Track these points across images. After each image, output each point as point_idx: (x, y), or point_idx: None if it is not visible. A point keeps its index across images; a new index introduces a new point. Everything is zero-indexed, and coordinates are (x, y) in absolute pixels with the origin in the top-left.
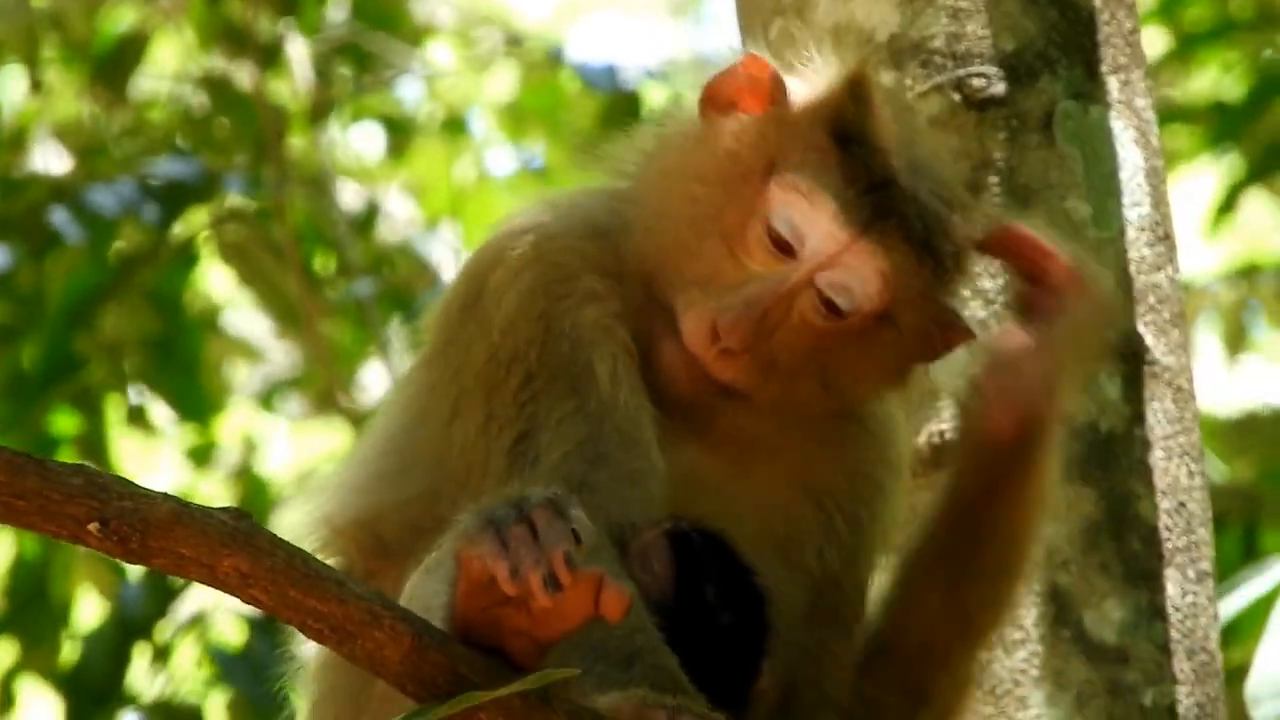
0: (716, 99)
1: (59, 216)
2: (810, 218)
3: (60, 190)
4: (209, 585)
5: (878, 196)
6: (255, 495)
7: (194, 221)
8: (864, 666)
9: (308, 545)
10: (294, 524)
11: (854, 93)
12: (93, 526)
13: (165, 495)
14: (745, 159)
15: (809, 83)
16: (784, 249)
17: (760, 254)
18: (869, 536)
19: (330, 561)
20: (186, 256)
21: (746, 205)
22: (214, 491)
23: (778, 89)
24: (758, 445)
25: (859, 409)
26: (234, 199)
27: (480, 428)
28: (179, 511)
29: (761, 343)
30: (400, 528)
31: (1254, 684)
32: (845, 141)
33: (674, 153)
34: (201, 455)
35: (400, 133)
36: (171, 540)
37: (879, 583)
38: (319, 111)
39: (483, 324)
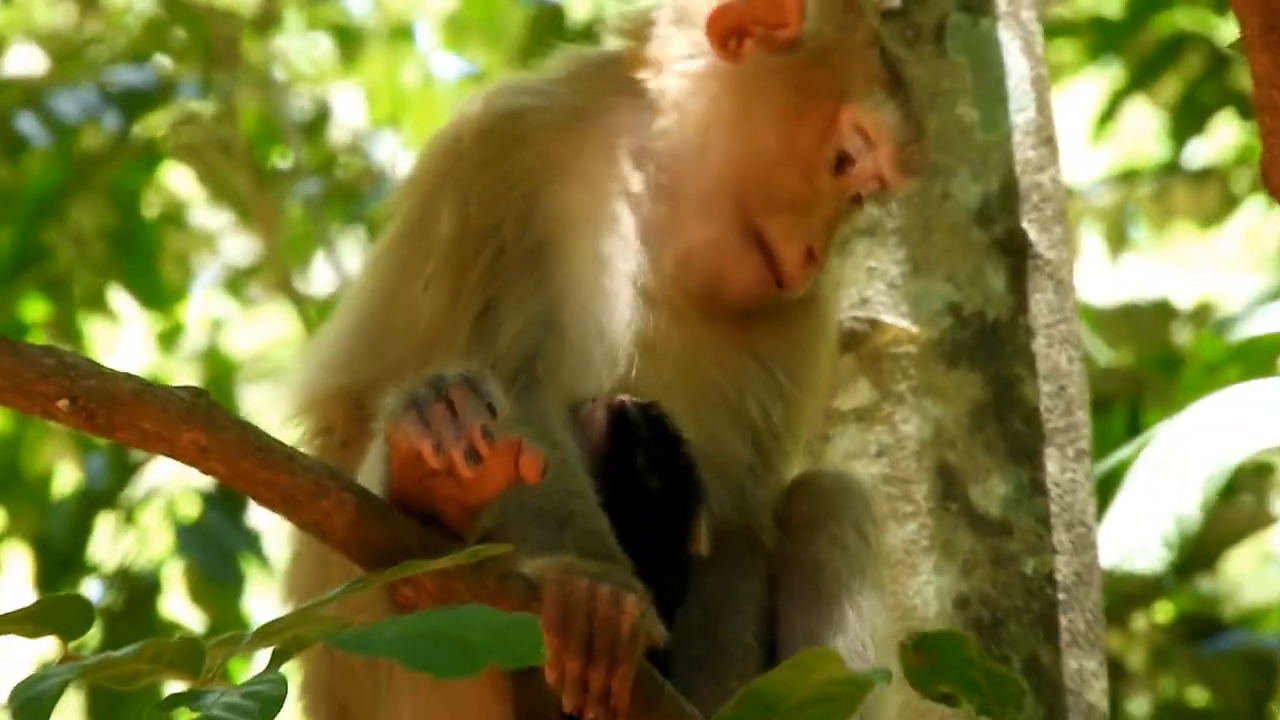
0: (736, 19)
1: (25, 122)
2: (870, 152)
3: (28, 96)
4: (169, 457)
5: (917, 147)
6: (219, 375)
7: (153, 124)
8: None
9: (288, 415)
10: (271, 397)
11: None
12: (62, 403)
13: (128, 375)
14: (818, 95)
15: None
16: (841, 169)
17: (825, 173)
18: (804, 394)
19: (311, 429)
20: (148, 156)
21: (819, 135)
22: (180, 372)
23: (803, 12)
24: (720, 319)
25: None
26: (190, 104)
27: (448, 300)
28: (141, 389)
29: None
30: (378, 399)
31: (1101, 534)
32: (894, 84)
33: (726, 92)
34: (168, 339)
35: (349, 41)
36: (134, 415)
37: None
38: (268, 20)
39: (458, 197)
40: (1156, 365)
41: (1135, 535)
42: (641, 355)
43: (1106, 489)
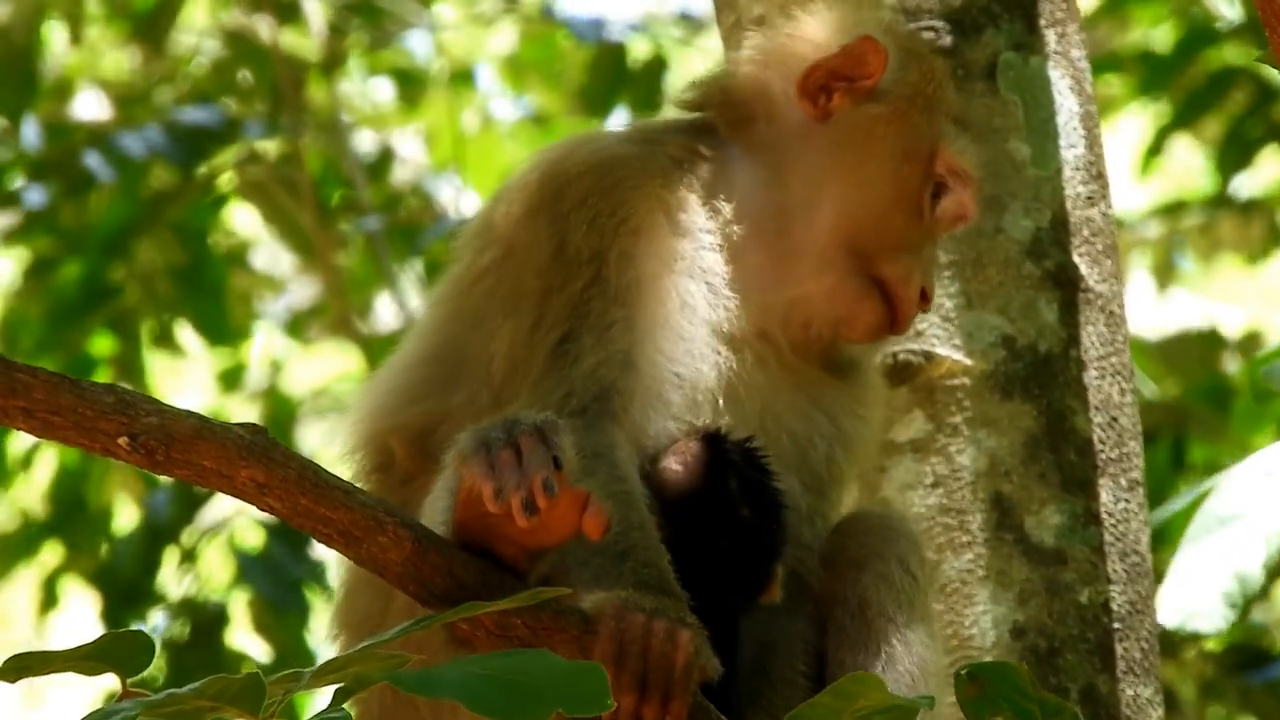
0: (824, 76)
1: (92, 159)
2: (960, 190)
3: (95, 135)
4: (228, 494)
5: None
6: (279, 412)
7: (219, 163)
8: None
9: (348, 449)
10: (331, 433)
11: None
12: (122, 440)
13: (188, 412)
14: (918, 139)
15: (897, 48)
16: (934, 208)
17: (927, 214)
18: (858, 449)
19: (370, 465)
20: (213, 195)
21: (923, 177)
22: (241, 410)
23: (885, 63)
24: (799, 369)
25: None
26: (254, 143)
27: (530, 327)
28: (200, 427)
29: None
30: (443, 435)
31: (1164, 595)
32: (964, 123)
33: (828, 148)
34: (230, 377)
35: (411, 84)
36: (194, 453)
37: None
38: (332, 63)
39: (558, 226)
40: (1204, 396)
41: (1198, 594)
42: (718, 399)
43: (1172, 531)
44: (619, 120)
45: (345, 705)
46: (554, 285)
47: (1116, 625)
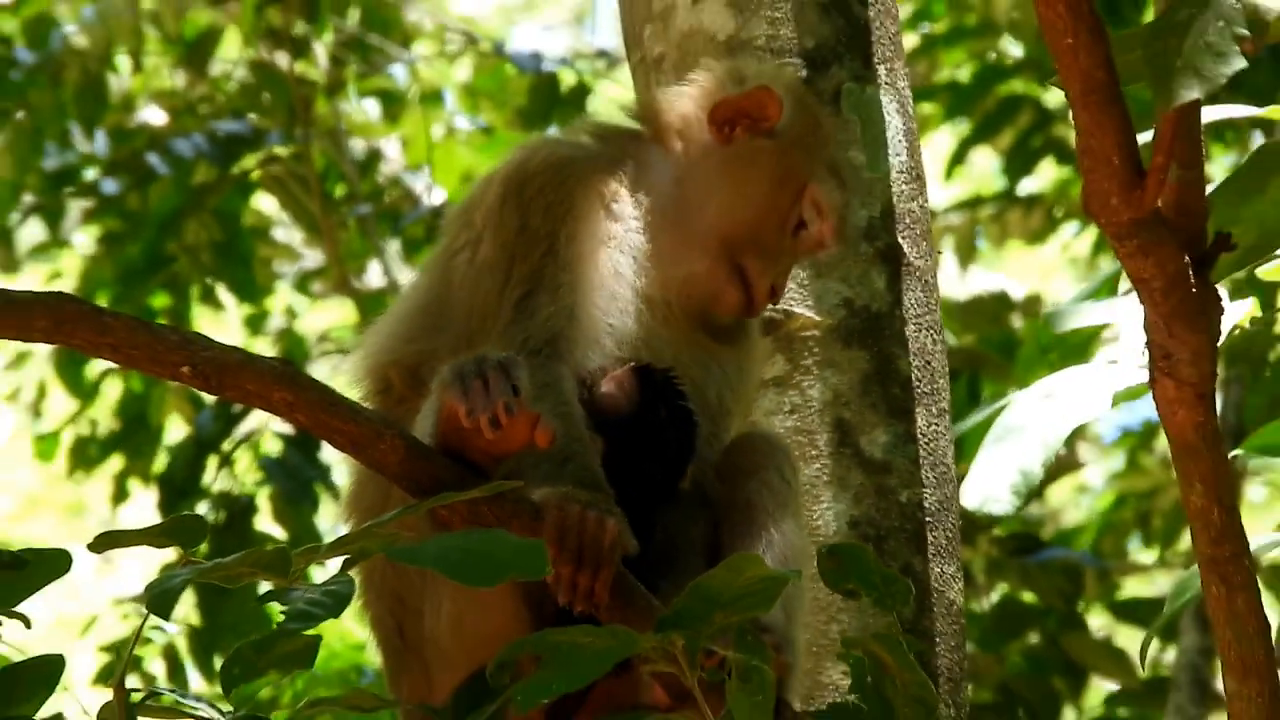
0: (730, 112)
1: (153, 158)
2: (820, 221)
3: (154, 140)
4: (265, 410)
5: (847, 222)
6: (294, 352)
7: (248, 163)
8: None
9: (356, 377)
10: (340, 366)
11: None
12: (185, 369)
13: (235, 348)
14: (793, 174)
15: (794, 102)
16: (797, 231)
17: (789, 232)
18: (744, 386)
19: (373, 389)
20: (244, 187)
21: (790, 203)
22: (263, 349)
23: (781, 110)
24: (696, 327)
25: None
26: (275, 148)
27: (500, 287)
28: (245, 359)
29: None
30: (432, 367)
31: (967, 485)
32: (840, 173)
33: (724, 164)
34: (254, 324)
35: (393, 103)
36: (240, 379)
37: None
38: (334, 88)
39: (522, 210)
40: (995, 346)
41: (991, 486)
42: (640, 345)
43: (969, 443)
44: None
45: (351, 572)
46: (518, 255)
47: (928, 519)
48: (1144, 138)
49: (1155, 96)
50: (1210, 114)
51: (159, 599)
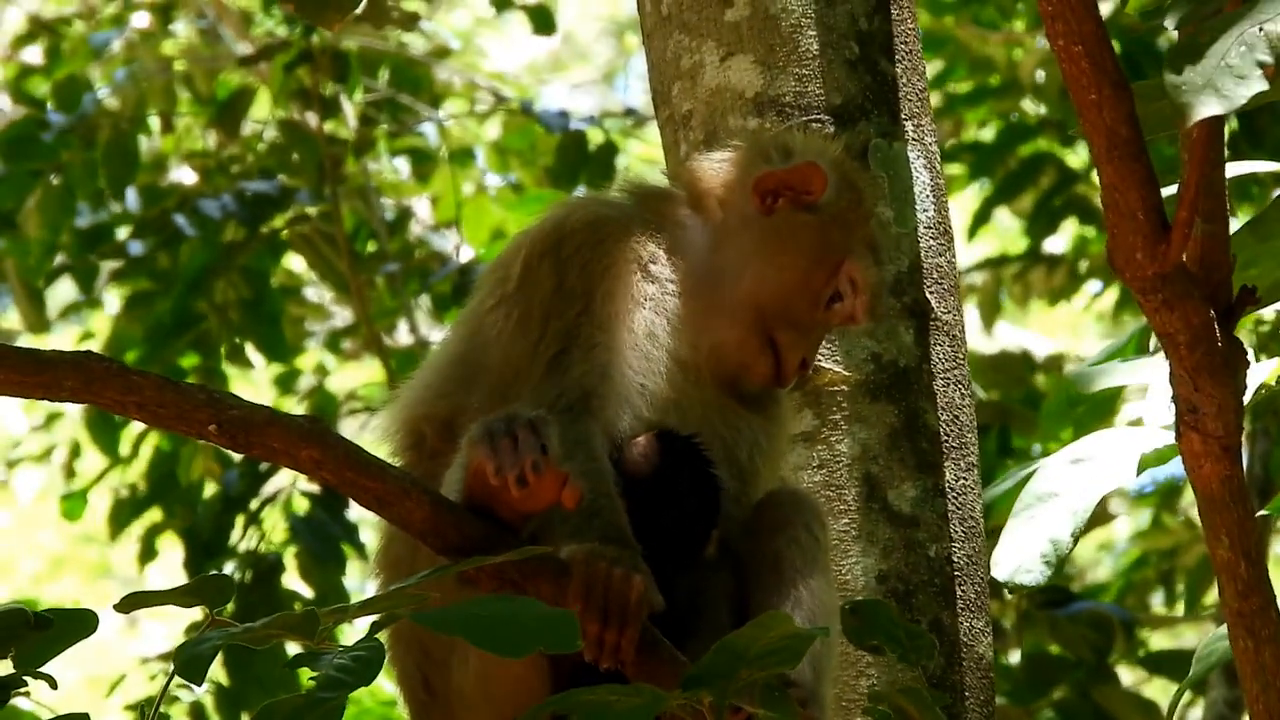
0: (775, 184)
1: (180, 219)
2: (853, 297)
3: (184, 200)
4: (292, 469)
5: (881, 300)
6: (324, 410)
7: (277, 222)
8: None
9: (391, 431)
10: (370, 422)
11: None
12: (212, 427)
13: (262, 405)
14: (831, 249)
15: (839, 178)
16: (830, 305)
17: (822, 306)
18: (774, 449)
19: (406, 443)
20: (275, 245)
21: (826, 278)
22: (293, 408)
23: (825, 186)
24: (727, 391)
25: None
26: (304, 207)
27: (534, 343)
28: (271, 417)
29: None
30: (464, 422)
31: (997, 555)
32: (878, 250)
33: (763, 235)
34: (284, 382)
35: (423, 161)
36: (267, 437)
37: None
38: (363, 147)
39: (559, 268)
40: (1020, 400)
41: (1022, 556)
42: (671, 407)
43: (998, 510)
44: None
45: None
46: (553, 313)
47: (957, 573)
48: (1169, 191)
49: (1173, 137)
50: (1234, 170)
51: (189, 664)
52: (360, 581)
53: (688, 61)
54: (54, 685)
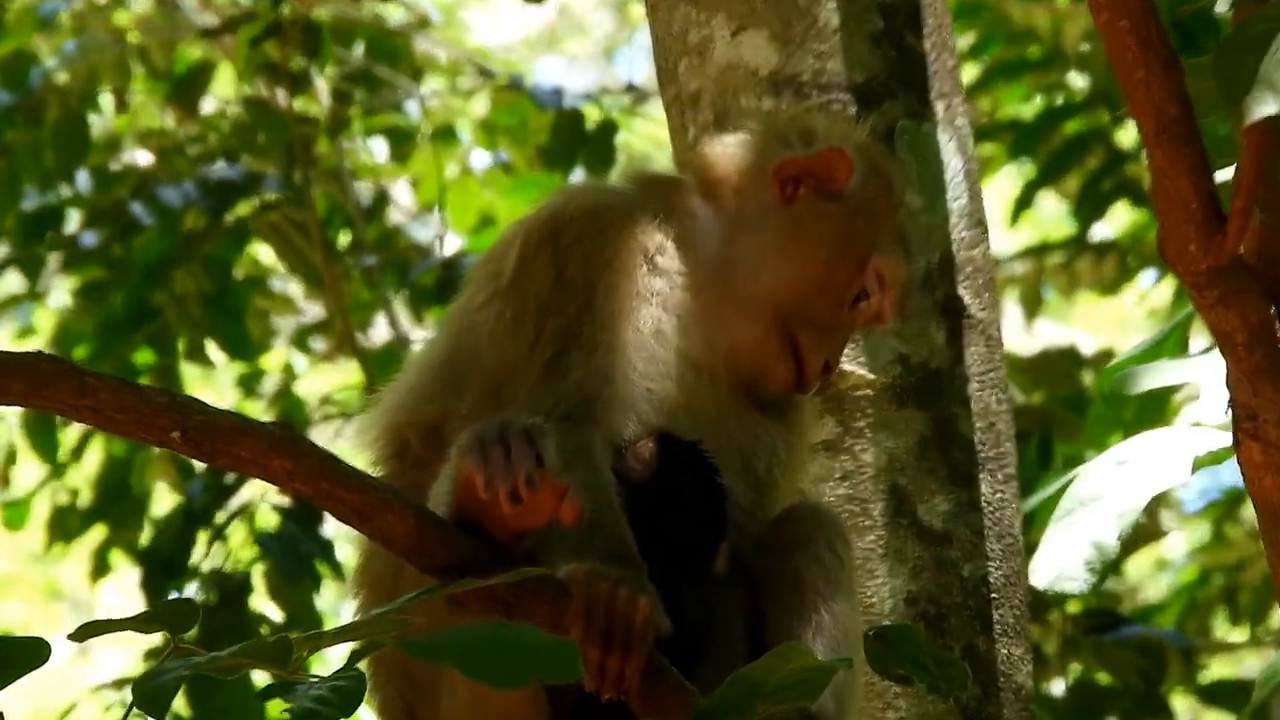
0: (797, 171)
1: (136, 208)
2: (881, 294)
3: (141, 184)
4: (262, 479)
5: (910, 296)
6: (293, 414)
7: (242, 209)
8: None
9: (372, 438)
10: (348, 430)
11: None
12: (175, 434)
13: (229, 412)
14: (858, 242)
15: (866, 165)
16: (855, 303)
17: (848, 304)
18: (793, 459)
19: (388, 451)
20: (240, 234)
21: (852, 274)
22: (257, 413)
23: (851, 174)
24: (742, 393)
25: None
26: (271, 193)
27: (529, 343)
28: (240, 424)
29: None
30: (454, 427)
31: (1036, 562)
32: (907, 243)
33: (784, 227)
34: (249, 383)
35: (402, 141)
36: (234, 445)
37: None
38: (337, 126)
39: (557, 260)
40: (1065, 404)
41: (1064, 562)
42: (681, 412)
43: (1040, 517)
44: (578, 175)
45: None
46: (551, 309)
47: (993, 595)
48: (1224, 175)
49: (1229, 115)
50: None
51: (150, 696)
52: (336, 602)
53: (696, 36)
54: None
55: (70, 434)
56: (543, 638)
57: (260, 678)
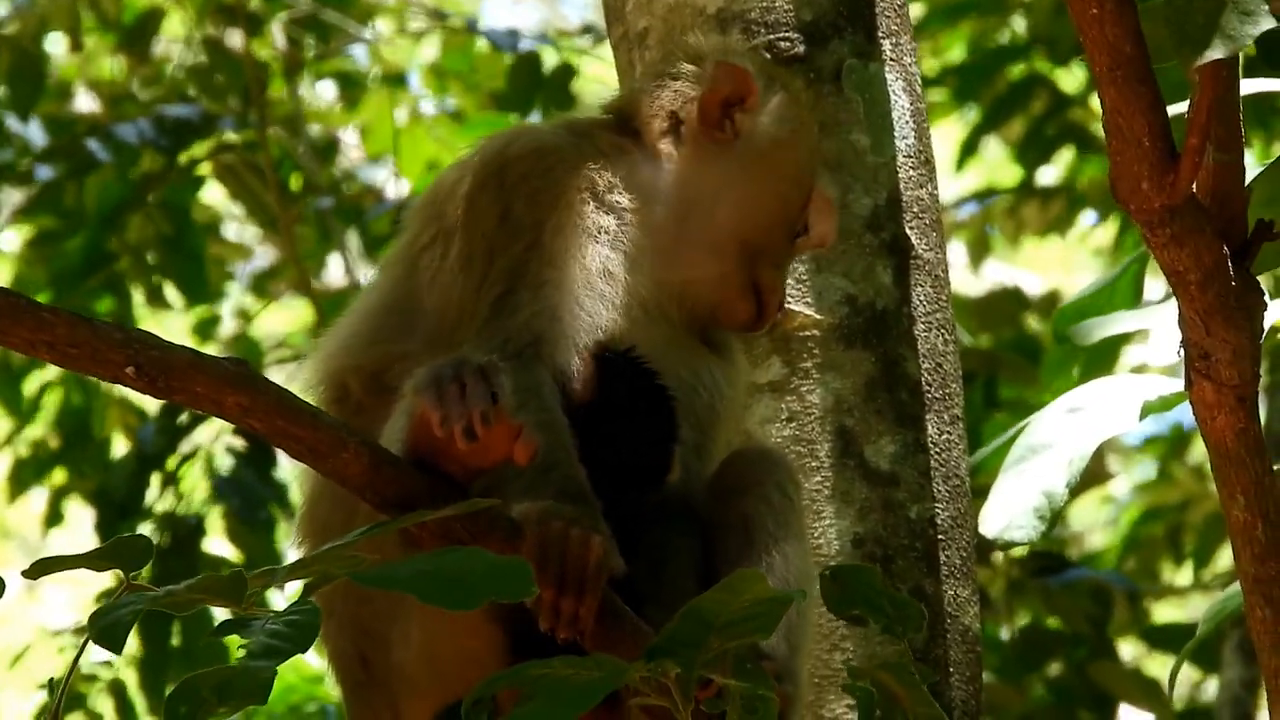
0: (714, 110)
1: (93, 144)
2: (824, 222)
3: (95, 126)
4: (217, 416)
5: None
6: (248, 356)
7: (198, 151)
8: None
9: (313, 384)
10: (290, 376)
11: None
12: (129, 370)
13: (184, 346)
14: (802, 173)
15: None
16: (802, 233)
17: (797, 229)
18: (735, 394)
19: (328, 397)
20: (193, 177)
21: (801, 205)
22: (215, 354)
23: (752, 83)
24: (689, 331)
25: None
26: (227, 135)
27: (476, 283)
28: (194, 359)
29: None
30: (398, 371)
31: (986, 511)
32: (820, 160)
33: (732, 162)
34: (206, 328)
35: (354, 86)
36: (189, 381)
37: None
38: (291, 69)
39: (503, 199)
40: (1011, 346)
41: (1013, 510)
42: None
43: (989, 467)
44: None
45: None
46: (497, 248)
47: (940, 536)
48: (1177, 110)
49: (1177, 58)
50: (1248, 88)
51: (107, 631)
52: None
53: None
54: None
55: (29, 386)
56: (494, 559)
57: (218, 617)
